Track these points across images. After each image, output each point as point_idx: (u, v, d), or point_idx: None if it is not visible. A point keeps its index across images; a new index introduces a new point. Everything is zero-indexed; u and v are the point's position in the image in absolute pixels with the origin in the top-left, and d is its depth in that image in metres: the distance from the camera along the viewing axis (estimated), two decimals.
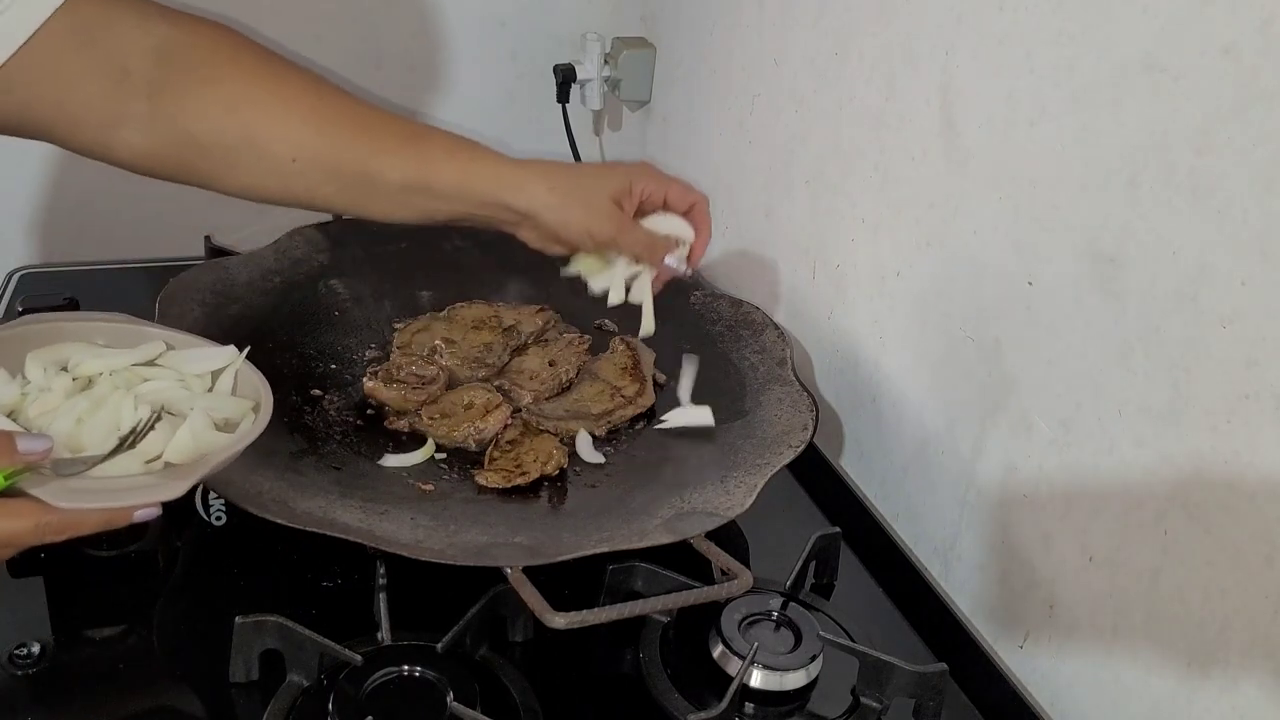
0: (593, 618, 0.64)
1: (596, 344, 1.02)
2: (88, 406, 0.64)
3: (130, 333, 0.72)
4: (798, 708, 0.71)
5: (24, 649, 0.68)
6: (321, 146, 0.74)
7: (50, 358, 0.68)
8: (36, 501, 0.56)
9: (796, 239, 1.03)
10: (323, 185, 0.76)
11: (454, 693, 0.64)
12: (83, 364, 0.68)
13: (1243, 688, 0.61)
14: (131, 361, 0.70)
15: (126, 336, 0.72)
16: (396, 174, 0.76)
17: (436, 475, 0.84)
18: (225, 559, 0.78)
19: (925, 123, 0.83)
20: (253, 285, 0.97)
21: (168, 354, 0.72)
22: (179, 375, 0.71)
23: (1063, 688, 0.75)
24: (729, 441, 0.86)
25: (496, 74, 1.30)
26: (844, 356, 0.97)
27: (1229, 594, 0.62)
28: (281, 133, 0.73)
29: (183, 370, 0.71)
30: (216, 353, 0.73)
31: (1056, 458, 0.74)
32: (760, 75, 1.06)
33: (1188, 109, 0.62)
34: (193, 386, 0.71)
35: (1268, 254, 0.58)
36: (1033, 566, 0.77)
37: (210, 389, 0.72)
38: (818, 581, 0.83)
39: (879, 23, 0.88)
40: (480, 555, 0.70)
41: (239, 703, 0.67)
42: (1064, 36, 0.70)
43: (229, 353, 0.73)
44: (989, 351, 0.79)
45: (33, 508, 0.56)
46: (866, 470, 0.95)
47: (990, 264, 0.78)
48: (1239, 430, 0.60)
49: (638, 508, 0.78)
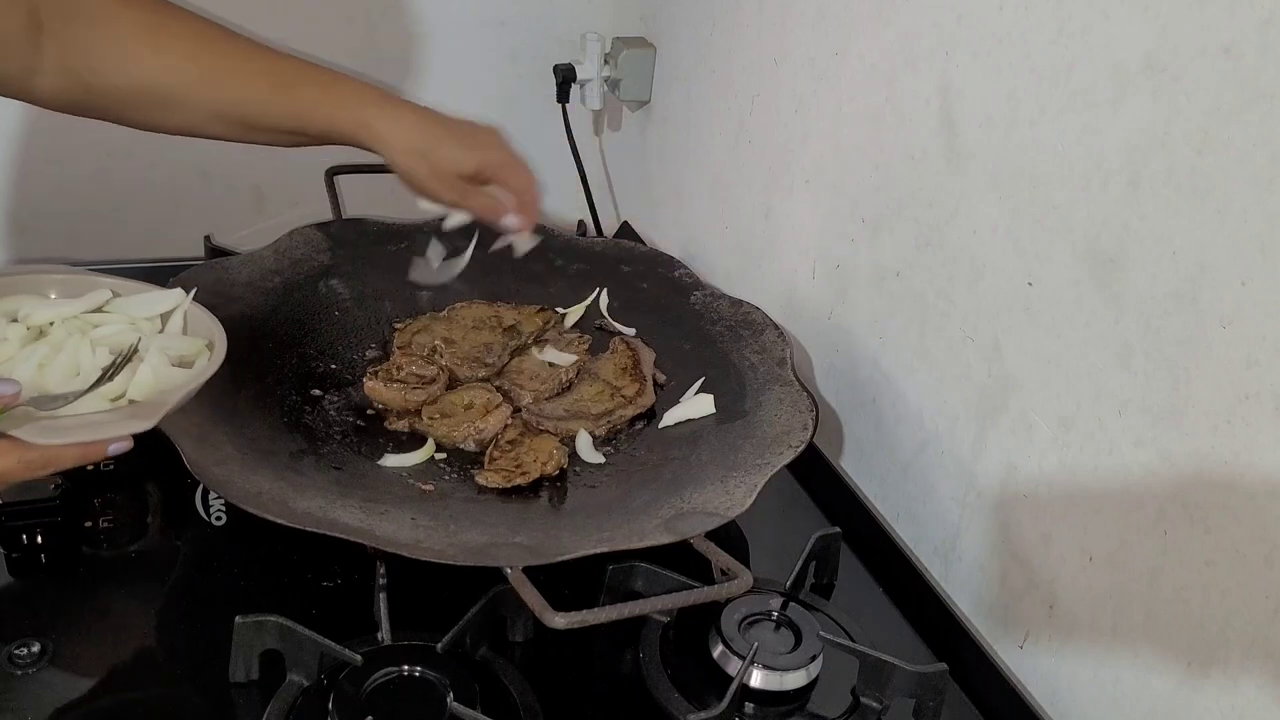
0: (593, 618, 0.64)
1: (596, 344, 1.02)
2: (48, 352, 0.66)
3: (77, 283, 0.74)
4: (798, 708, 0.71)
5: (24, 649, 0.68)
6: (203, 92, 0.81)
7: (1, 309, 0.70)
8: (16, 441, 0.59)
9: (796, 239, 1.03)
10: (211, 124, 0.83)
11: (454, 693, 0.64)
12: (33, 314, 0.70)
13: (1243, 688, 0.61)
14: (81, 309, 0.72)
15: (74, 286, 0.73)
16: (270, 119, 0.83)
17: (436, 475, 0.84)
18: (225, 559, 0.78)
19: (925, 123, 0.83)
20: (253, 285, 0.97)
21: (115, 300, 0.74)
22: (129, 319, 0.73)
23: (1063, 688, 0.75)
24: (729, 441, 0.86)
25: (496, 74, 1.30)
26: (844, 356, 0.97)
27: (1229, 594, 0.62)
28: (167, 80, 0.79)
29: (132, 314, 0.73)
30: (163, 295, 0.75)
31: (1056, 458, 0.74)
32: (760, 75, 1.06)
33: (1188, 109, 0.62)
34: (144, 329, 0.72)
35: (1268, 254, 0.58)
36: (1033, 566, 0.77)
37: (161, 330, 0.73)
38: (818, 581, 0.83)
39: (879, 23, 0.88)
40: (480, 555, 0.70)
41: (239, 703, 0.67)
42: (1064, 36, 0.70)
43: (176, 295, 0.75)
44: (989, 351, 0.79)
45: (13, 446, 0.59)
46: (866, 470, 0.95)
47: (990, 264, 0.78)
48: (1239, 430, 0.60)
49: (638, 508, 0.77)
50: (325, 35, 1.20)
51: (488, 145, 0.88)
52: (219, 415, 0.81)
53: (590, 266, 1.10)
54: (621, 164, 1.39)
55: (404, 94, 1.26)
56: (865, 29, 0.90)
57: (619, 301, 1.07)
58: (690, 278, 1.07)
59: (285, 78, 0.83)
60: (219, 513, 0.81)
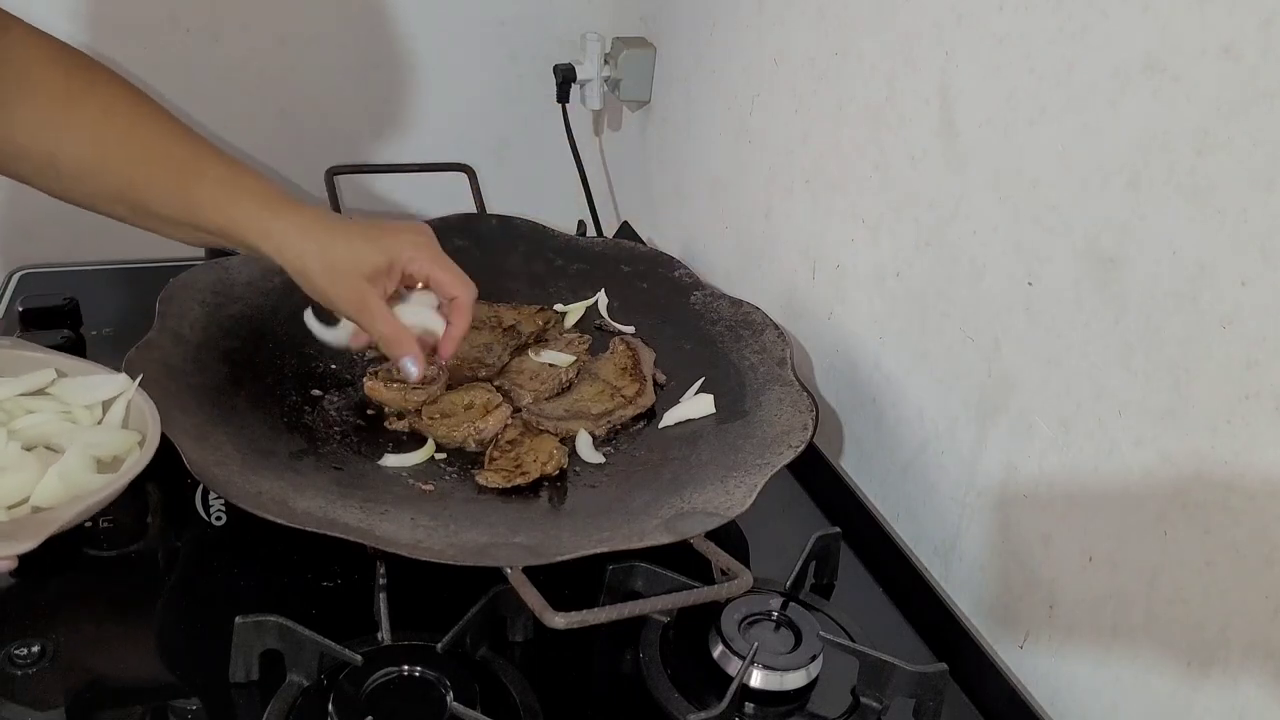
0: (593, 618, 0.64)
1: (596, 344, 1.02)
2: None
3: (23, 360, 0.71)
4: (798, 708, 0.71)
5: (24, 649, 0.68)
6: (106, 173, 0.75)
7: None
8: None
9: (796, 239, 1.03)
10: (114, 206, 0.77)
11: (454, 693, 0.64)
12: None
13: (1243, 688, 0.61)
14: (18, 391, 0.69)
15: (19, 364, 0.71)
16: (167, 210, 0.76)
17: (436, 475, 0.84)
18: (225, 559, 0.78)
19: (925, 123, 0.83)
20: (253, 285, 0.97)
21: (60, 382, 0.71)
22: (66, 406, 0.70)
23: (1063, 687, 0.75)
24: (729, 441, 0.86)
25: (496, 74, 1.30)
26: (844, 356, 0.97)
27: (1229, 594, 0.62)
28: (73, 153, 0.74)
29: (71, 401, 0.70)
30: (108, 380, 0.72)
31: (1056, 458, 0.74)
32: (760, 75, 1.06)
33: (1188, 109, 0.62)
34: (80, 419, 0.69)
35: (1268, 254, 0.58)
36: (1033, 566, 0.77)
37: (100, 421, 0.70)
38: (818, 581, 0.83)
39: (879, 23, 0.88)
40: (480, 555, 0.70)
41: (239, 703, 0.67)
42: (1064, 36, 0.70)
43: (120, 381, 0.72)
44: (989, 351, 0.79)
45: None
46: (866, 470, 0.95)
47: (990, 264, 0.78)
48: (1239, 430, 0.60)
49: (638, 508, 0.78)
50: (325, 35, 1.20)
51: (402, 239, 0.79)
52: (219, 415, 0.81)
53: (590, 266, 1.10)
54: (621, 164, 1.39)
55: (405, 94, 1.27)
56: (865, 29, 0.90)
57: (619, 301, 1.07)
58: (690, 278, 1.07)
59: (188, 169, 0.76)
60: (219, 513, 0.81)
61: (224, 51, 1.17)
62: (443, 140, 1.29)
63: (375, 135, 1.28)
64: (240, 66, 1.18)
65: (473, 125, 1.30)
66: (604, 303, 1.07)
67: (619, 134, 1.39)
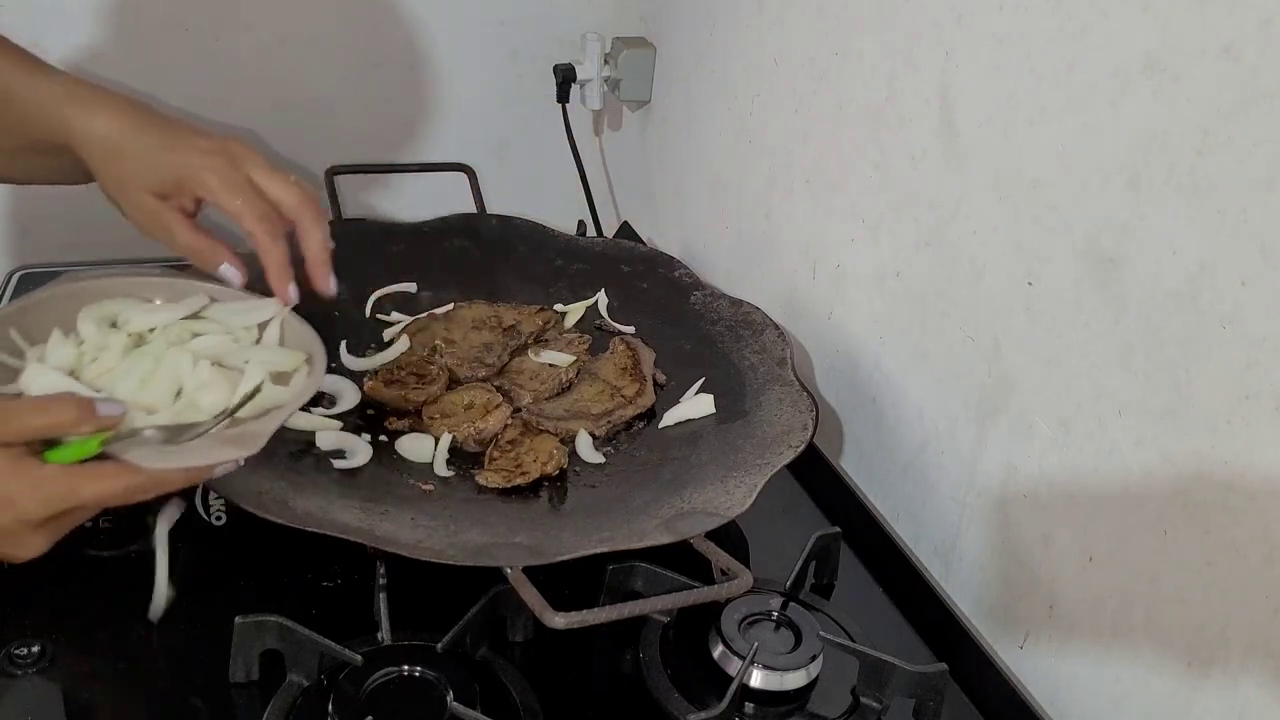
0: (593, 618, 0.64)
1: (596, 344, 1.02)
2: (150, 367, 0.64)
3: (176, 287, 0.72)
4: (798, 708, 0.71)
5: (24, 649, 0.68)
6: None
7: (101, 314, 0.68)
8: (123, 464, 0.58)
9: (796, 239, 1.03)
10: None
11: (454, 693, 0.64)
12: (133, 320, 0.68)
13: (1243, 688, 0.61)
14: (179, 316, 0.70)
15: (172, 290, 0.72)
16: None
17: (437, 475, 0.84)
18: (225, 559, 0.78)
19: (925, 123, 0.83)
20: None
21: (212, 306, 0.72)
22: (226, 329, 0.71)
23: (1063, 688, 0.75)
24: (729, 441, 0.86)
25: (496, 74, 1.29)
26: (844, 356, 0.97)
27: (1229, 594, 0.62)
28: None
29: (229, 323, 0.71)
30: (260, 305, 0.73)
31: (1056, 458, 0.74)
32: (760, 75, 1.06)
33: (1188, 109, 0.62)
34: (241, 339, 0.71)
35: (1268, 254, 0.58)
36: (1033, 566, 0.77)
37: (257, 341, 0.71)
38: (818, 581, 0.83)
39: (879, 23, 0.88)
40: (480, 555, 0.70)
41: (239, 703, 0.67)
42: (1064, 36, 0.70)
43: (272, 305, 0.73)
44: (989, 351, 0.79)
45: (120, 470, 0.58)
46: (866, 470, 0.95)
47: (990, 264, 0.78)
48: (1239, 430, 0.60)
49: (638, 508, 0.78)
50: (325, 35, 1.20)
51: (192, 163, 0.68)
52: None
53: (590, 266, 1.10)
54: (621, 164, 1.39)
55: (405, 94, 1.27)
56: (865, 29, 0.90)
57: (619, 301, 1.07)
58: (690, 278, 1.07)
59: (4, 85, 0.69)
60: (219, 513, 0.81)
61: (224, 51, 1.17)
62: (443, 140, 1.29)
63: (375, 135, 1.28)
64: (241, 66, 1.18)
65: (473, 125, 1.30)
66: (604, 303, 1.07)
67: (619, 134, 1.39)
